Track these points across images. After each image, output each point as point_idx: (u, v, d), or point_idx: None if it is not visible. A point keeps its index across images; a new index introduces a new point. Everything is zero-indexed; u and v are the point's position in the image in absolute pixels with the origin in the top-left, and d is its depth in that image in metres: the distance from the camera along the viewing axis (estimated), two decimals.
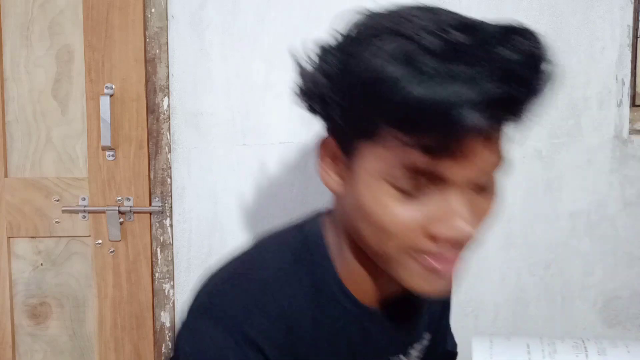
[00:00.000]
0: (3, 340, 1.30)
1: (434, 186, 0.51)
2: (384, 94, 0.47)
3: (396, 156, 0.51)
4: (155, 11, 1.25)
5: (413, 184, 0.51)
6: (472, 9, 1.26)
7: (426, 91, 0.46)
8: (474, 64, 0.46)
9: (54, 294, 1.30)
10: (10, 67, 1.26)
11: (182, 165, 1.28)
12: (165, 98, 1.27)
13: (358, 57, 0.50)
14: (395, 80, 0.46)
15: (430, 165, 0.50)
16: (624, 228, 1.33)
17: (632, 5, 1.29)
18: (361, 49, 0.50)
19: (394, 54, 0.47)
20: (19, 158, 1.28)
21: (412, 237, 0.53)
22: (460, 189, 0.52)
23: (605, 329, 1.35)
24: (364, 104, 0.50)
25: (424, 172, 0.50)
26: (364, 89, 0.49)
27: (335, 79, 0.53)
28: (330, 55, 0.54)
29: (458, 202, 0.52)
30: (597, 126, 1.31)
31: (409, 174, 0.51)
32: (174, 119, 1.27)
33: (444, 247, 0.53)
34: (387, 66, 0.47)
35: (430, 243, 0.53)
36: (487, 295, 1.33)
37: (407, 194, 0.52)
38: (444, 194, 0.52)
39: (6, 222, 1.28)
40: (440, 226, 0.52)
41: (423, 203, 0.52)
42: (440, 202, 0.52)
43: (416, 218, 0.52)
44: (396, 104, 0.47)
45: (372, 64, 0.48)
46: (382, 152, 0.52)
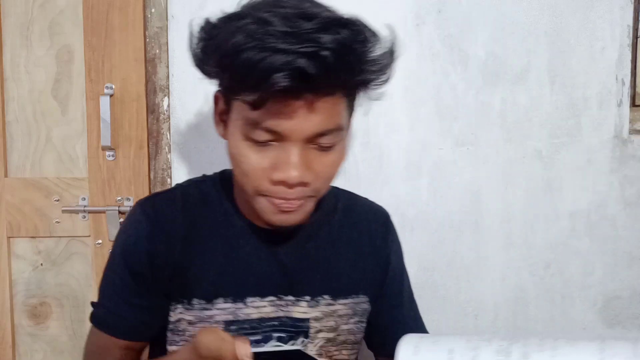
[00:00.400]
0: (3, 340, 1.30)
1: (277, 141, 0.68)
2: (234, 60, 0.64)
3: (246, 112, 0.67)
4: (155, 11, 1.25)
5: (261, 139, 0.67)
6: (472, 8, 1.26)
7: (257, 59, 0.62)
8: (297, 44, 0.61)
9: (54, 294, 1.30)
10: (10, 67, 1.26)
11: (182, 165, 1.28)
12: (165, 98, 1.27)
13: (223, 32, 0.66)
14: (240, 49, 0.63)
15: (266, 122, 0.66)
16: (624, 228, 1.33)
17: (632, 5, 1.29)
18: (225, 27, 0.67)
19: (246, 31, 0.63)
20: (19, 158, 1.28)
21: (260, 180, 0.69)
22: (297, 144, 0.67)
23: (605, 329, 1.35)
24: (226, 69, 0.67)
25: (266, 130, 0.67)
26: (225, 57, 0.65)
27: (210, 49, 0.69)
28: (209, 30, 0.70)
29: (292, 154, 0.67)
30: (597, 126, 1.31)
31: (256, 128, 0.67)
32: (174, 119, 1.27)
33: (281, 189, 0.69)
34: (237, 39, 0.63)
35: (272, 186, 0.69)
36: (487, 295, 1.33)
37: (259, 144, 0.68)
38: (283, 147, 0.68)
39: (6, 222, 1.28)
40: (277, 172, 0.68)
41: (269, 153, 0.68)
42: (280, 153, 0.68)
43: (263, 165, 0.69)
44: (239, 68, 0.63)
45: (228, 37, 0.65)
46: (240, 108, 0.68)
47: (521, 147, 1.30)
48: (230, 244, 0.80)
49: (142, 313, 0.80)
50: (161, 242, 0.78)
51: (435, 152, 1.30)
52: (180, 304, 0.79)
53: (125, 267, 0.79)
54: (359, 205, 0.91)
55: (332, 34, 0.63)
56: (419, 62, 1.28)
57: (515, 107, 1.30)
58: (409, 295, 0.93)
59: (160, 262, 0.78)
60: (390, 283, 0.89)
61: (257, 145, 0.69)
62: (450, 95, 1.29)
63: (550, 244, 1.33)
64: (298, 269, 0.82)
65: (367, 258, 0.86)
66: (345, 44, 0.64)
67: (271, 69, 0.61)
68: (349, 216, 0.87)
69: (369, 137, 1.29)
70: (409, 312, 0.92)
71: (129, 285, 0.79)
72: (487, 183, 1.31)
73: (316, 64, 0.62)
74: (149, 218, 0.79)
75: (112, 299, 0.81)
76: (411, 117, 1.29)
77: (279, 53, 0.61)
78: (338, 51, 0.63)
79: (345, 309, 0.84)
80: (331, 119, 0.68)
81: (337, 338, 0.83)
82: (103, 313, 0.82)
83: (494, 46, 1.28)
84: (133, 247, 0.79)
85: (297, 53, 0.61)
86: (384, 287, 0.88)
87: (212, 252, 0.80)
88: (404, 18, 1.27)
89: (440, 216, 1.31)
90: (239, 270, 0.80)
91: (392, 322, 0.88)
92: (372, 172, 1.30)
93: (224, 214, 0.81)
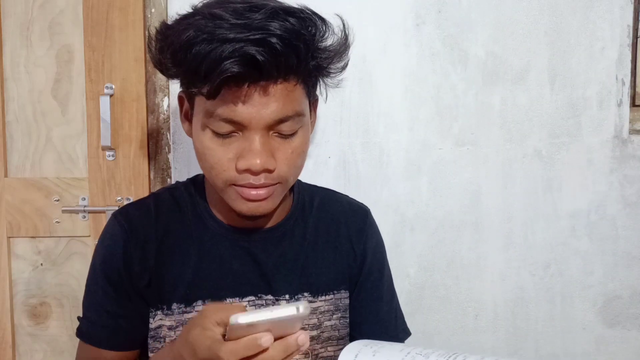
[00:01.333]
0: (3, 340, 1.30)
1: (239, 132, 0.70)
2: (185, 55, 0.66)
3: (206, 105, 0.69)
4: (155, 11, 1.25)
5: (222, 130, 0.69)
6: (472, 8, 1.26)
7: (207, 51, 0.64)
8: (246, 33, 0.64)
9: (54, 294, 1.30)
10: (10, 67, 1.26)
11: (182, 165, 1.28)
12: (165, 98, 1.27)
13: (176, 30, 0.68)
14: (191, 43, 0.65)
15: (222, 112, 0.68)
16: (624, 228, 1.33)
17: (632, 5, 1.29)
18: (178, 25, 0.69)
19: (197, 26, 0.66)
20: (19, 158, 1.28)
21: (226, 170, 0.71)
22: (258, 133, 0.69)
23: (605, 329, 1.35)
24: (180, 65, 0.68)
25: (225, 120, 0.68)
26: (177, 53, 0.67)
27: (165, 48, 0.70)
28: (164, 31, 0.72)
29: (254, 142, 0.69)
30: (597, 126, 1.31)
31: (215, 120, 0.69)
32: (174, 119, 1.27)
33: (247, 177, 0.71)
34: (188, 34, 0.65)
35: (238, 175, 0.71)
36: (487, 295, 1.33)
37: (222, 137, 0.70)
38: (245, 136, 0.70)
39: (6, 222, 1.28)
40: (241, 160, 0.70)
41: (232, 145, 0.70)
42: (242, 143, 0.70)
43: (228, 156, 0.71)
44: (191, 62, 0.66)
45: (180, 34, 0.67)
46: (200, 102, 0.71)
47: (521, 147, 1.30)
48: (205, 246, 0.81)
49: (126, 322, 0.81)
50: (137, 250, 0.80)
51: (435, 152, 1.30)
52: (160, 310, 0.80)
53: (105, 278, 0.81)
54: (336, 201, 0.91)
55: (280, 21, 0.65)
56: (419, 62, 1.28)
57: (515, 107, 1.30)
58: (388, 291, 0.92)
59: (137, 270, 0.80)
60: (367, 278, 0.89)
61: (220, 138, 0.70)
62: (450, 95, 1.29)
63: (550, 244, 1.33)
64: (275, 268, 0.82)
65: (345, 253, 0.87)
66: (293, 30, 0.66)
67: (221, 58, 0.63)
68: (326, 212, 0.88)
69: (369, 137, 1.29)
70: (387, 308, 0.91)
71: (110, 295, 0.80)
72: (487, 183, 1.31)
73: (265, 50, 0.64)
74: (123, 228, 0.80)
75: (95, 311, 0.82)
76: (411, 117, 1.29)
77: (227, 42, 0.64)
78: (286, 38, 0.65)
79: (326, 305, 0.84)
80: (289, 105, 0.70)
81: (321, 335, 0.84)
82: (88, 326, 0.83)
83: (494, 46, 1.28)
84: (110, 257, 0.81)
85: (246, 41, 0.63)
86: (361, 282, 0.88)
87: (187, 255, 0.81)
88: (404, 18, 1.27)
89: (440, 216, 1.31)
90: (216, 271, 0.80)
91: (369, 317, 0.88)
92: (372, 172, 1.30)
93: (197, 217, 0.82)
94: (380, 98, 1.28)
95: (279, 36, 0.65)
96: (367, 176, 1.30)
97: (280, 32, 0.65)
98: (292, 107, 0.70)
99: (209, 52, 0.64)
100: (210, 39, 0.64)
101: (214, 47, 0.64)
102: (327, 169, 1.29)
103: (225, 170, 0.71)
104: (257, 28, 0.64)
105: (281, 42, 0.65)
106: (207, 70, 0.65)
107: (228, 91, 0.67)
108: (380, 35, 1.27)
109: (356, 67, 1.26)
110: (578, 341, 1.35)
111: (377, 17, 1.27)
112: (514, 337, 1.34)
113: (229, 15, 0.65)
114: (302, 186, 0.90)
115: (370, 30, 1.26)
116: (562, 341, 1.35)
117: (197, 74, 0.66)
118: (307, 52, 0.69)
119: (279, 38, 0.65)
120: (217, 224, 0.82)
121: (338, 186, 1.26)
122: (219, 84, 0.65)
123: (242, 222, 0.80)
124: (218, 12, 0.66)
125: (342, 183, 1.29)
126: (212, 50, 0.64)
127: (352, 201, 0.93)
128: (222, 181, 0.73)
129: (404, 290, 1.31)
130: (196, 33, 0.65)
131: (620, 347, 1.35)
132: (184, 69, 0.69)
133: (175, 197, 0.84)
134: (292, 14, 0.67)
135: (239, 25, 0.64)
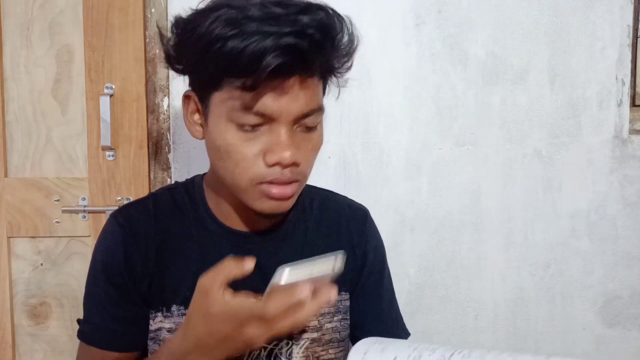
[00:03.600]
0: (3, 340, 1.30)
1: (267, 125, 0.69)
2: (218, 49, 0.64)
3: (235, 99, 0.68)
4: (155, 11, 1.25)
5: (251, 123, 0.68)
6: (472, 8, 1.26)
7: (245, 45, 0.63)
8: (280, 26, 0.64)
9: (54, 294, 1.30)
10: (10, 67, 1.26)
11: (182, 165, 1.28)
12: (165, 98, 1.27)
13: (201, 25, 0.66)
14: (225, 39, 0.64)
15: (258, 105, 0.67)
16: (624, 228, 1.33)
17: (632, 5, 1.29)
18: (203, 19, 0.66)
19: (226, 20, 0.64)
20: (19, 158, 1.28)
21: (253, 166, 0.69)
22: (285, 126, 0.69)
23: (605, 329, 1.35)
24: (208, 60, 0.66)
25: (257, 113, 0.67)
26: (207, 48, 0.66)
27: (188, 43, 0.69)
28: (183, 26, 0.70)
29: (283, 135, 0.68)
30: (597, 126, 1.31)
31: (246, 114, 0.68)
32: (174, 119, 1.27)
33: (276, 171, 0.69)
34: (220, 29, 0.64)
35: (266, 170, 0.69)
36: (487, 295, 1.33)
37: (248, 132, 0.69)
38: (272, 130, 0.69)
39: (6, 222, 1.28)
40: (270, 154, 0.69)
41: (258, 139, 0.69)
42: (270, 137, 0.69)
43: (253, 151, 0.69)
44: (226, 56, 0.64)
45: (209, 29, 0.65)
46: (225, 98, 0.69)
47: (521, 147, 1.30)
48: (205, 247, 0.80)
49: (129, 323, 0.80)
50: (137, 251, 0.79)
51: (435, 152, 1.30)
52: (160, 312, 0.79)
53: (107, 280, 0.79)
54: (335, 203, 0.90)
55: (312, 15, 0.66)
56: (419, 62, 1.28)
57: (515, 107, 1.30)
58: (389, 292, 0.92)
59: (138, 271, 0.79)
60: (367, 279, 0.88)
61: (245, 133, 0.69)
62: (450, 95, 1.29)
63: (550, 244, 1.33)
64: (275, 269, 0.82)
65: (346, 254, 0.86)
66: (325, 24, 0.67)
67: (263, 50, 0.63)
68: (326, 214, 0.87)
69: (369, 137, 1.29)
70: (388, 308, 0.91)
71: (113, 298, 0.79)
72: (487, 183, 1.31)
73: (305, 41, 0.65)
74: (123, 229, 0.79)
75: (98, 312, 0.81)
76: (411, 117, 1.29)
77: (265, 35, 0.63)
78: (321, 30, 0.66)
79: (327, 307, 0.83)
80: (314, 99, 0.71)
81: (322, 338, 0.83)
82: (90, 328, 0.82)
83: (494, 46, 1.28)
84: (111, 258, 0.79)
85: (284, 33, 0.64)
86: (362, 284, 0.88)
87: (187, 257, 0.80)
88: (404, 18, 1.27)
89: (440, 216, 1.31)
90: None
91: (370, 317, 0.88)
92: (372, 172, 1.30)
93: (197, 218, 0.81)
94: (380, 98, 1.28)
95: (315, 28, 0.65)
96: (367, 176, 1.30)
97: (315, 24, 0.65)
98: (316, 102, 0.72)
99: (246, 46, 0.63)
100: (245, 32, 0.64)
101: (252, 41, 0.63)
102: (327, 169, 1.29)
103: (251, 166, 0.70)
104: (291, 22, 0.64)
105: (319, 35, 0.66)
106: (248, 62, 0.64)
107: (264, 84, 0.66)
108: (380, 35, 1.27)
109: (356, 67, 1.25)
110: (578, 341, 1.35)
111: (377, 17, 1.27)
112: (514, 337, 1.34)
113: (256, 10, 0.65)
114: None
115: (370, 30, 1.26)
116: (562, 341, 1.35)
117: (233, 68, 0.65)
118: (335, 48, 0.70)
119: (316, 30, 0.65)
120: (218, 225, 0.81)
121: (338, 186, 1.26)
122: (259, 76, 0.64)
123: (243, 224, 0.80)
124: (245, 5, 0.66)
125: (342, 183, 1.29)
126: (250, 44, 0.63)
127: (352, 203, 0.93)
128: (248, 179, 0.71)
129: (404, 290, 1.31)
130: (228, 27, 0.64)
131: (620, 347, 1.35)
132: (215, 63, 0.67)
133: (175, 197, 0.83)
134: (320, 8, 0.68)
135: (272, 19, 0.64)
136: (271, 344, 0.80)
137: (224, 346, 0.64)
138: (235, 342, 0.64)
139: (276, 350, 0.80)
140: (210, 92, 0.71)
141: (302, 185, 0.76)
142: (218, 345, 0.64)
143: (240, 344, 0.64)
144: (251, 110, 0.67)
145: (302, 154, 0.71)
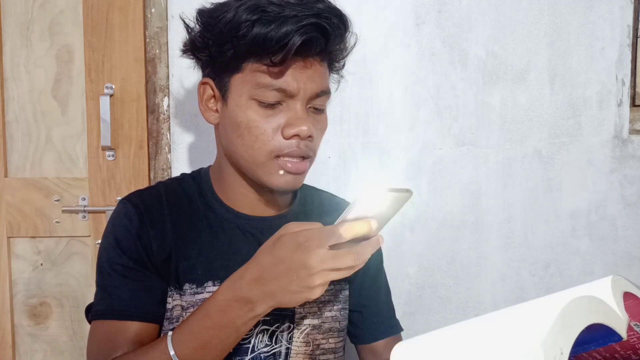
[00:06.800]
0: (3, 340, 1.30)
1: (285, 102, 0.76)
2: (245, 32, 0.73)
3: (257, 78, 0.75)
4: (155, 11, 1.25)
5: (272, 99, 0.75)
6: (472, 9, 1.26)
7: (271, 27, 0.72)
8: (299, 11, 0.72)
9: (54, 294, 1.30)
10: (10, 67, 1.26)
11: (182, 165, 1.28)
12: (165, 98, 1.27)
13: (228, 12, 0.74)
14: (252, 22, 0.72)
15: (280, 81, 0.75)
16: (624, 228, 1.33)
17: (632, 5, 1.29)
18: (229, 7, 0.75)
19: (250, 7, 0.73)
20: (19, 158, 1.28)
21: (272, 140, 0.76)
22: (301, 103, 0.76)
23: None
24: (233, 45, 0.74)
25: (280, 89, 0.75)
26: (234, 32, 0.73)
27: (212, 32, 0.76)
28: (207, 16, 0.78)
29: (301, 111, 0.76)
30: (597, 126, 1.31)
31: (268, 90, 0.75)
32: (174, 119, 1.27)
33: (293, 144, 0.76)
34: (246, 15, 0.73)
35: (285, 142, 0.76)
36: (487, 295, 1.33)
37: (268, 109, 0.76)
38: (290, 106, 0.76)
39: (6, 222, 1.28)
40: (289, 128, 0.75)
41: (276, 115, 0.76)
42: (288, 112, 0.76)
43: (272, 125, 0.76)
44: (254, 38, 0.73)
45: (236, 15, 0.73)
46: (248, 78, 0.76)
47: (521, 147, 1.30)
48: (216, 230, 0.84)
49: (147, 291, 0.80)
50: (152, 229, 0.81)
51: (435, 152, 1.30)
52: (174, 290, 0.81)
53: (124, 254, 0.80)
54: (336, 204, 0.94)
55: (325, 4, 0.75)
56: (419, 62, 1.28)
57: (515, 107, 1.30)
58: (385, 286, 0.96)
59: (153, 248, 0.80)
60: (367, 271, 0.89)
61: (265, 109, 0.76)
62: (450, 95, 1.29)
63: (550, 244, 1.33)
64: None
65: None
66: (338, 11, 0.76)
67: (288, 31, 0.71)
68: (326, 213, 0.90)
69: (369, 137, 1.29)
70: (386, 299, 0.94)
71: (132, 267, 0.80)
72: (487, 183, 1.31)
73: (325, 22, 0.73)
74: (137, 209, 0.81)
75: (114, 285, 0.80)
76: (411, 117, 1.29)
77: (288, 18, 0.72)
78: (335, 15, 0.75)
79: (327, 295, 0.86)
80: (326, 81, 0.80)
81: (322, 325, 0.85)
82: (107, 304, 0.80)
83: (494, 46, 1.28)
84: (126, 235, 0.81)
85: (305, 16, 0.72)
86: (361, 275, 0.89)
87: (199, 239, 0.83)
88: (404, 18, 1.27)
89: (440, 216, 1.31)
90: (227, 254, 0.82)
91: (369, 305, 0.91)
92: (372, 172, 1.30)
93: (206, 204, 0.86)
94: (381, 98, 1.28)
95: (330, 13, 0.74)
96: (367, 176, 1.30)
97: (329, 11, 0.74)
98: (327, 84, 0.80)
99: (272, 27, 0.72)
100: (270, 16, 0.72)
101: (278, 23, 0.71)
102: (327, 169, 1.29)
103: (270, 140, 0.76)
104: (309, 7, 0.73)
105: (335, 18, 0.74)
106: (276, 42, 0.72)
107: (287, 63, 0.74)
108: (380, 35, 1.27)
109: (356, 67, 1.26)
110: None
111: (377, 17, 1.27)
112: None
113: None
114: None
115: (371, 30, 1.26)
116: None
117: (261, 48, 0.73)
118: (346, 31, 0.78)
119: (332, 14, 0.74)
120: (227, 210, 0.85)
121: (338, 186, 1.26)
122: (286, 54, 0.72)
123: (251, 209, 0.85)
124: None
125: (342, 183, 1.29)
126: (276, 26, 0.72)
127: None
128: (267, 152, 0.76)
129: (404, 290, 1.31)
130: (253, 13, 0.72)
131: None
132: (243, 44, 0.74)
133: (183, 186, 0.87)
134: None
135: (292, 5, 0.73)
136: (273, 325, 0.82)
137: (285, 279, 0.65)
138: (296, 281, 0.64)
139: (278, 333, 0.82)
140: (231, 75, 0.77)
141: (312, 163, 0.82)
142: (279, 278, 0.65)
143: (300, 286, 0.64)
144: (273, 87, 0.75)
145: (315, 131, 0.78)
